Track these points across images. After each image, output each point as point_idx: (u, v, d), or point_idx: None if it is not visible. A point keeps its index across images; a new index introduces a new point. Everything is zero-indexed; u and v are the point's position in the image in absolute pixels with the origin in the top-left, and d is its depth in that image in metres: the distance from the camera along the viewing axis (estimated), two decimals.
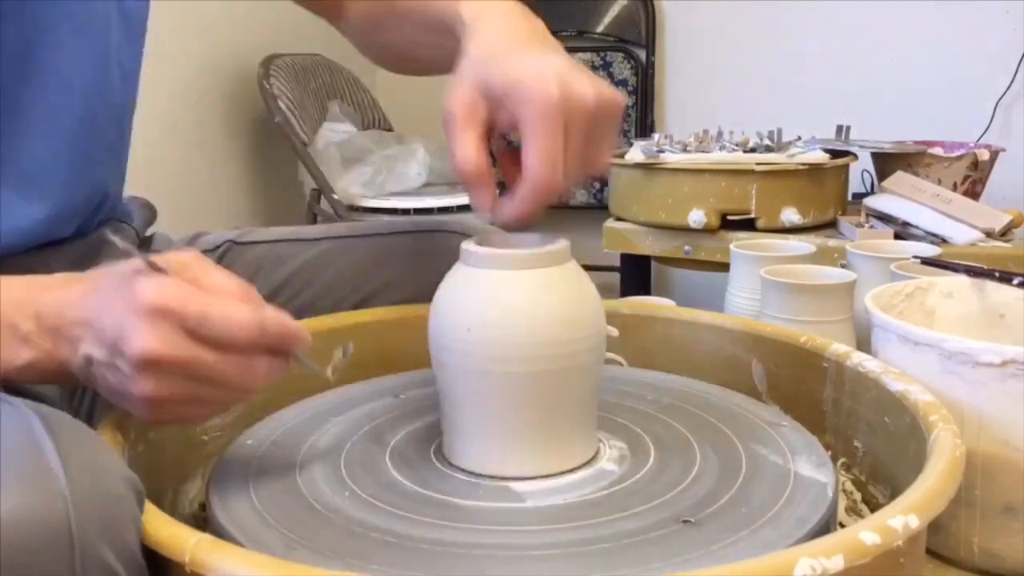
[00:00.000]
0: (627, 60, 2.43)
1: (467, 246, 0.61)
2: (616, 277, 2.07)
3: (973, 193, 1.71)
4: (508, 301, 0.58)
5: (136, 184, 0.90)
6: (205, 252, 0.92)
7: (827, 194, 1.67)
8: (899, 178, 1.66)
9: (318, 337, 0.77)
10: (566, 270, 0.61)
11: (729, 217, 1.63)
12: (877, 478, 0.66)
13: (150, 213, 0.93)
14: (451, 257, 0.63)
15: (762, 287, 0.94)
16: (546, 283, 0.59)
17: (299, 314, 0.80)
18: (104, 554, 0.43)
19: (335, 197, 2.01)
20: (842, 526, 0.60)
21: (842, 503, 0.65)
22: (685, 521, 0.53)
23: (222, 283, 0.53)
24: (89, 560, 0.43)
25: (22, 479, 0.42)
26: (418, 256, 0.90)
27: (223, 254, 0.91)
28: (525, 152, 0.59)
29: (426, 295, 0.68)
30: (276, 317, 0.53)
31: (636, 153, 1.70)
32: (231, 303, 0.51)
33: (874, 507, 0.64)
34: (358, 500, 0.57)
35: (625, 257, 1.94)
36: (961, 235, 1.50)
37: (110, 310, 0.51)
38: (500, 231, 0.72)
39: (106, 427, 0.57)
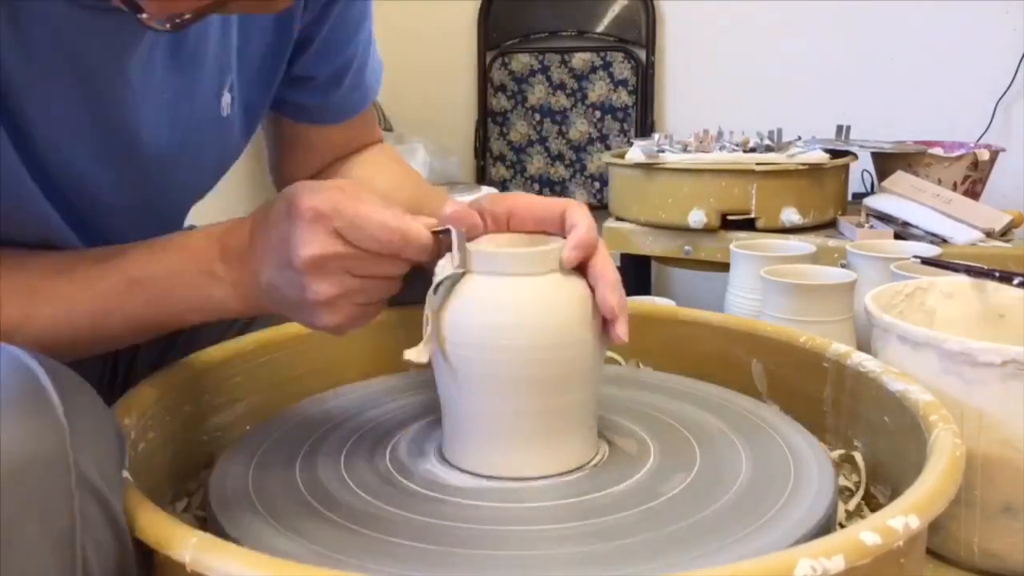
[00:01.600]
0: (627, 60, 2.43)
1: (469, 247, 0.61)
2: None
3: (973, 193, 1.71)
4: (509, 302, 0.58)
5: None
6: None
7: (827, 194, 1.67)
8: (899, 178, 1.66)
9: (319, 337, 0.78)
10: (566, 271, 0.61)
11: (729, 217, 1.63)
12: (877, 478, 0.66)
13: None
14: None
15: (762, 287, 0.94)
16: (547, 285, 0.59)
17: None
18: (98, 485, 0.46)
19: None
20: (842, 526, 0.60)
21: (841, 504, 0.65)
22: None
23: (373, 200, 0.57)
24: (85, 488, 0.44)
25: (22, 406, 0.43)
26: None
27: None
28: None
29: (423, 296, 0.68)
30: (416, 224, 0.57)
31: (636, 153, 1.70)
32: (378, 209, 0.56)
33: (874, 507, 0.64)
34: (358, 500, 0.57)
35: (625, 257, 1.93)
36: (961, 235, 1.50)
37: (277, 229, 0.57)
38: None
39: None
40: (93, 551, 0.44)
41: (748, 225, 1.62)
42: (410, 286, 0.86)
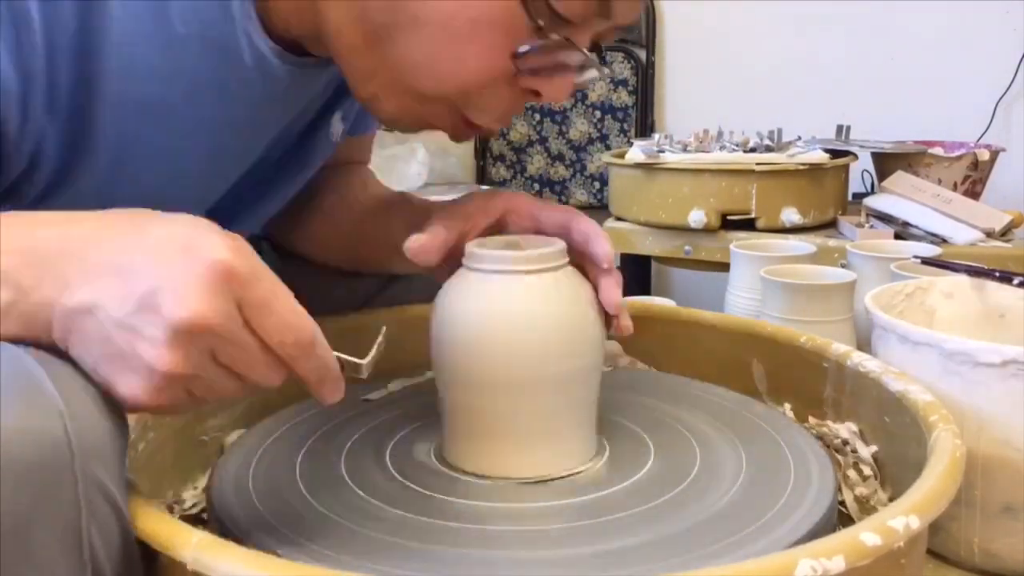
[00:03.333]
0: (627, 60, 2.43)
1: (470, 248, 0.61)
2: None
3: (973, 193, 1.71)
4: (510, 302, 0.58)
5: None
6: None
7: (827, 194, 1.67)
8: (899, 178, 1.66)
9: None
10: (567, 271, 0.61)
11: (729, 217, 1.63)
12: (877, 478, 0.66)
13: None
14: None
15: (762, 287, 0.94)
16: (548, 285, 0.59)
17: None
18: (100, 472, 0.43)
19: None
20: (842, 526, 0.60)
21: (849, 491, 0.65)
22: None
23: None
24: (88, 474, 0.42)
25: (21, 396, 0.41)
26: None
27: None
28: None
29: (423, 297, 0.69)
30: (326, 347, 0.49)
31: (636, 153, 1.70)
32: (289, 304, 0.46)
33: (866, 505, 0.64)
34: (359, 500, 0.57)
35: (625, 257, 1.93)
36: (961, 235, 1.50)
37: (158, 260, 0.44)
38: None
39: None
40: (101, 544, 0.44)
41: (748, 225, 1.62)
42: (406, 287, 0.86)
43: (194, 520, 0.61)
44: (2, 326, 0.45)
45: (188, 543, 0.44)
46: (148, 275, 0.43)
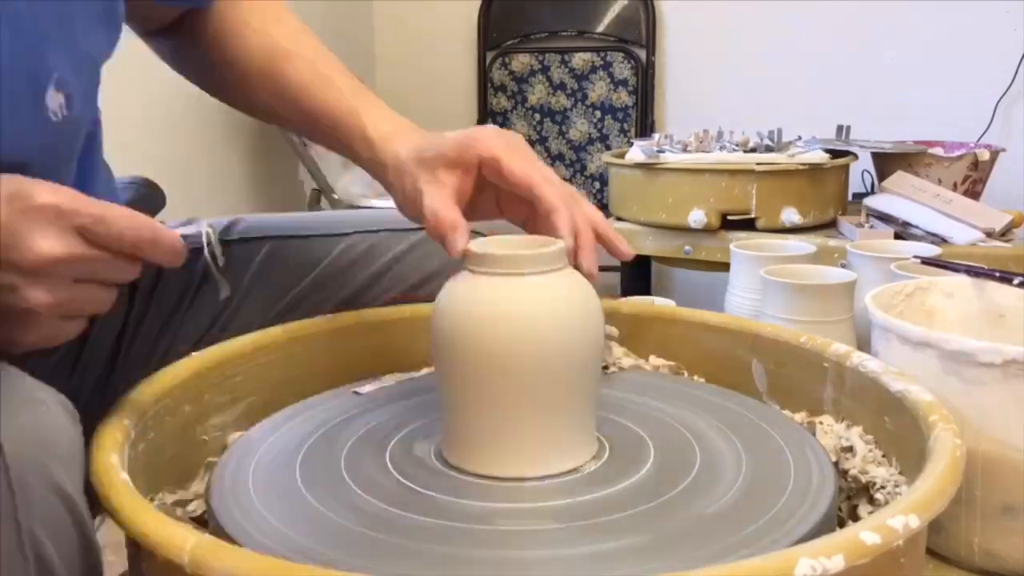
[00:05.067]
0: (627, 60, 2.43)
1: (472, 248, 0.61)
2: (616, 277, 2.07)
3: (973, 193, 1.71)
4: (509, 302, 0.58)
5: (148, 171, 0.91)
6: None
7: (827, 194, 1.67)
8: (899, 178, 1.66)
9: (320, 337, 0.78)
10: (567, 272, 0.61)
11: (729, 217, 1.63)
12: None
13: (160, 198, 0.91)
14: (452, 259, 0.63)
15: (762, 287, 0.94)
16: (548, 286, 0.59)
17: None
18: (56, 474, 0.45)
19: (335, 197, 2.01)
20: (841, 526, 0.60)
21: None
22: None
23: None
24: (29, 486, 0.44)
25: None
26: (426, 259, 0.88)
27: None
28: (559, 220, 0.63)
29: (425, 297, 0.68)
30: (169, 231, 0.52)
31: (636, 153, 1.70)
32: (120, 208, 0.51)
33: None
34: (359, 500, 0.57)
35: None
36: (961, 235, 1.50)
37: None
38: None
39: (106, 427, 0.57)
40: (49, 540, 0.44)
41: (748, 225, 1.62)
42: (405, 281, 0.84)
43: (194, 521, 0.61)
44: None
45: (187, 544, 0.44)
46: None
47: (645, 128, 2.41)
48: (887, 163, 1.76)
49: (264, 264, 0.85)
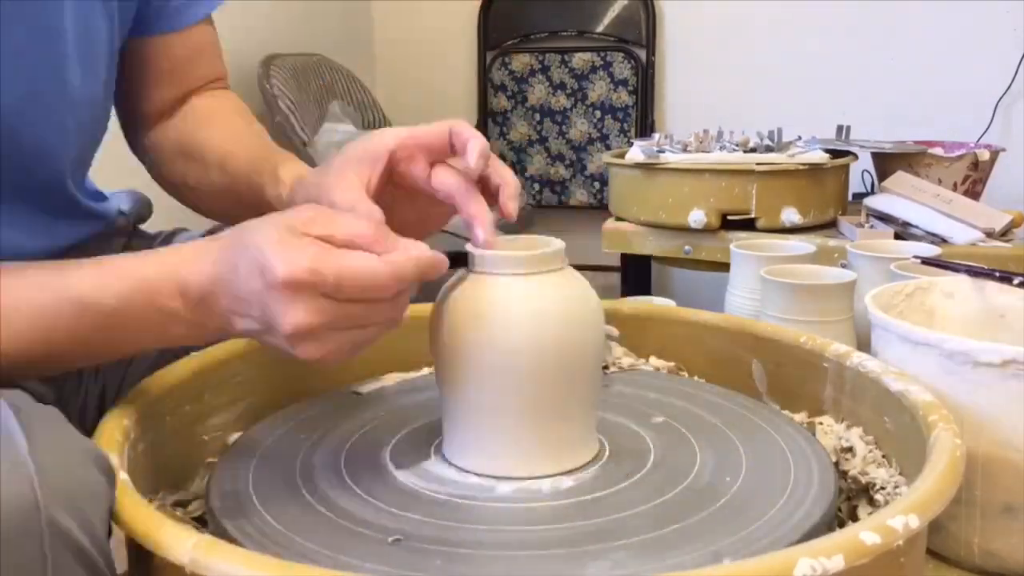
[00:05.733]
0: (627, 60, 2.43)
1: (471, 250, 0.61)
2: (616, 277, 2.07)
3: (973, 193, 1.71)
4: (509, 302, 0.58)
5: (136, 183, 0.90)
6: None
7: (827, 194, 1.67)
8: (899, 178, 1.66)
9: None
10: (567, 271, 0.61)
11: (729, 217, 1.63)
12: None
13: (146, 206, 0.92)
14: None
15: (762, 287, 0.94)
16: (548, 286, 0.59)
17: None
18: (73, 533, 0.45)
19: None
20: (841, 526, 0.60)
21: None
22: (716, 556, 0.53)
23: (351, 231, 0.54)
24: (57, 534, 0.44)
25: None
26: None
27: None
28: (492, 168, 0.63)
29: (425, 296, 0.68)
30: (408, 261, 0.54)
31: (636, 153, 1.70)
32: (362, 259, 0.52)
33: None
34: (359, 500, 0.57)
35: (625, 257, 1.93)
36: (961, 235, 1.50)
37: (249, 290, 0.53)
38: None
39: (106, 427, 0.57)
40: None
41: (748, 225, 1.62)
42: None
43: (194, 521, 0.61)
44: (186, 342, 0.58)
45: (186, 544, 0.44)
46: (257, 304, 0.53)
47: (645, 128, 2.41)
48: (887, 163, 1.76)
49: None
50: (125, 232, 0.87)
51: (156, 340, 0.59)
